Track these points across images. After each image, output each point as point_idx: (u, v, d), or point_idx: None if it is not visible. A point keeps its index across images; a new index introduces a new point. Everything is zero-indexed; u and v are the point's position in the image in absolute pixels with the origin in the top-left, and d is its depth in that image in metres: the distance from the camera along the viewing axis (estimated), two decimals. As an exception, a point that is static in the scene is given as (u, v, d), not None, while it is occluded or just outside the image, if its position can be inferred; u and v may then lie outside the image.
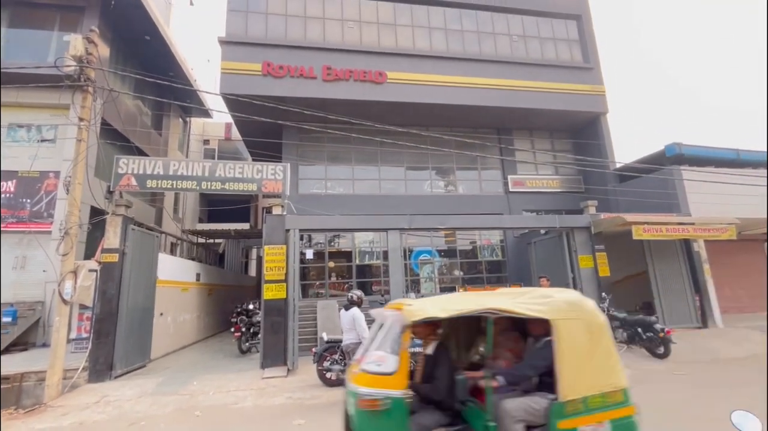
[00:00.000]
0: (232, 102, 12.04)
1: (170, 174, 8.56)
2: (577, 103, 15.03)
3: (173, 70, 15.48)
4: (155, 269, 9.14)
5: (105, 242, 7.91)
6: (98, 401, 6.34)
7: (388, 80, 13.61)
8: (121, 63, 13.81)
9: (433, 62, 14.21)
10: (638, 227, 9.60)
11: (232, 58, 12.89)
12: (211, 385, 6.97)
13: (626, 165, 13.40)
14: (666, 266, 10.76)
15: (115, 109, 10.71)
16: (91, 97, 7.63)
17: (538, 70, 15.00)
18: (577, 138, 16.39)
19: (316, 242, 14.06)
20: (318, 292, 13.52)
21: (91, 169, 10.31)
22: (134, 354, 8.20)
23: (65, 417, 5.76)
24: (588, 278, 10.26)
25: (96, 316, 7.60)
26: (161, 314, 9.59)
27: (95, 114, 7.97)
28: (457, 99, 13.99)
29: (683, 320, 10.38)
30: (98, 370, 7.33)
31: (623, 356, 8.07)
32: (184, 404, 6.10)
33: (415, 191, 15.15)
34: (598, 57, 15.88)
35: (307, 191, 14.26)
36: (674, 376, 6.82)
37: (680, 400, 5.52)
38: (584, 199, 12.17)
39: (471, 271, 14.89)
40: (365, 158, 15.08)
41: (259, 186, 8.98)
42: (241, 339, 9.52)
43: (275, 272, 8.40)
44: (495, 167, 16.07)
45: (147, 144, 15.17)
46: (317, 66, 13.22)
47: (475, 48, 15.03)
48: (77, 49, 7.30)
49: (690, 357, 8.11)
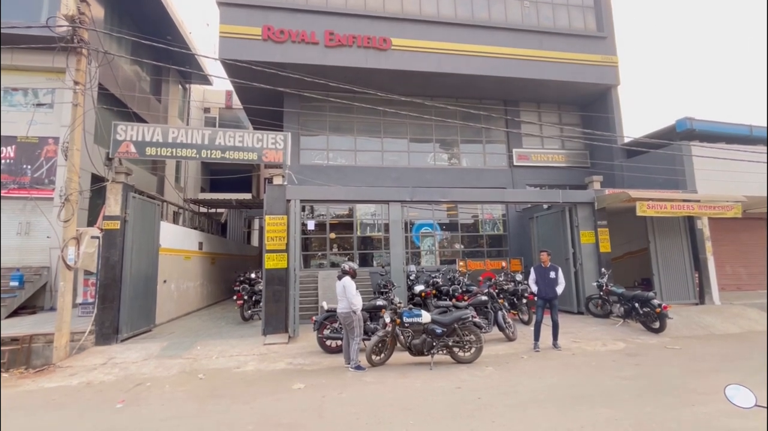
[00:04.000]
0: (232, 68, 11.69)
1: (169, 142, 8.44)
2: (588, 75, 14.52)
3: (171, 34, 14.98)
4: (157, 237, 9.19)
5: (106, 210, 7.91)
6: (105, 362, 6.54)
7: (393, 47, 13.13)
8: (116, 25, 13.35)
9: (439, 29, 13.64)
10: (642, 203, 9.49)
11: (231, 21, 12.40)
12: (214, 350, 7.16)
13: (635, 140, 13.09)
14: (668, 243, 10.73)
15: (111, 73, 10.42)
16: (86, 59, 7.40)
17: (549, 38, 14.40)
18: (586, 111, 15.96)
19: (318, 213, 14.06)
20: (320, 263, 13.66)
21: (89, 135, 10.17)
22: (139, 318, 8.39)
23: (73, 377, 5.96)
24: (588, 254, 10.27)
25: (100, 282, 7.72)
26: (165, 282, 9.74)
27: (91, 78, 7.77)
28: (463, 68, 13.52)
29: (681, 296, 10.47)
30: (104, 333, 7.53)
31: (618, 330, 8.25)
32: (188, 367, 6.28)
33: (418, 163, 14.96)
34: (613, 25, 15.19)
35: (308, 162, 14.11)
36: (667, 350, 6.94)
37: (672, 373, 5.63)
38: (590, 174, 12.00)
39: (472, 245, 14.94)
40: (368, 128, 14.80)
41: (259, 155, 8.87)
42: (243, 306, 9.70)
43: (276, 242, 8.43)
44: (500, 141, 15.77)
45: (146, 111, 14.92)
46: (319, 31, 12.73)
47: (484, 14, 14.38)
48: (69, 8, 7.02)
49: (685, 332, 8.23)
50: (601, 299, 9.52)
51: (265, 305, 8.26)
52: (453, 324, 6.11)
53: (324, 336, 6.95)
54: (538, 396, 4.70)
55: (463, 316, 6.20)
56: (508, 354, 6.78)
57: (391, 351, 6.28)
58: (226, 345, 7.46)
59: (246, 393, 5.08)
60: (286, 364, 6.39)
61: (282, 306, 8.22)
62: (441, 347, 6.08)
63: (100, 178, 9.27)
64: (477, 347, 6.19)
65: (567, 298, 9.84)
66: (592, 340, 7.56)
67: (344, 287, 6.14)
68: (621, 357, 6.49)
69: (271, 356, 6.82)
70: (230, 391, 5.19)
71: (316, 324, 7.01)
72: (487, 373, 5.69)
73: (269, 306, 8.23)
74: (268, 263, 8.34)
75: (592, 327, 8.58)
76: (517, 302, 9.11)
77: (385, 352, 6.24)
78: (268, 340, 7.65)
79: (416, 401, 4.65)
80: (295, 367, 6.24)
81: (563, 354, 6.76)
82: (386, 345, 6.23)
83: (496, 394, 4.79)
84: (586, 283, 10.05)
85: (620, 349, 7.02)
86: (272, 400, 4.82)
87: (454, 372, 5.75)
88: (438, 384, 5.26)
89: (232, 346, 7.41)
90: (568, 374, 5.66)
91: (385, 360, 6.22)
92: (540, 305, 7.21)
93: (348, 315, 6.12)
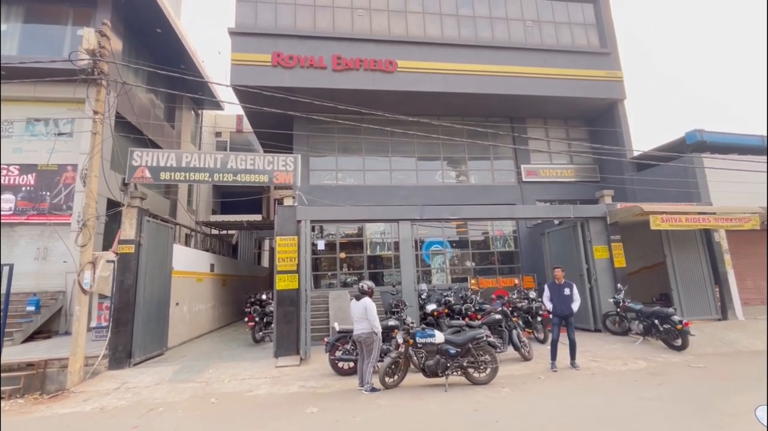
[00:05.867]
0: (243, 93, 12.06)
1: (183, 166, 8.66)
2: (594, 90, 14.61)
3: (184, 63, 15.57)
4: (170, 260, 9.31)
5: (121, 234, 8.07)
6: (118, 387, 6.54)
7: (399, 69, 13.43)
8: (133, 56, 13.93)
9: (444, 50, 13.95)
10: (656, 216, 9.34)
11: (242, 49, 12.87)
12: (226, 373, 7.11)
13: (644, 153, 13.01)
14: (685, 256, 10.48)
15: (128, 102, 10.84)
16: (105, 90, 7.72)
17: (553, 55, 14.60)
18: (593, 126, 15.97)
19: (328, 233, 14.12)
20: (330, 282, 13.62)
21: (106, 162, 10.48)
22: (152, 342, 8.41)
23: (87, 402, 5.95)
24: (603, 269, 10.08)
25: (114, 305, 7.80)
26: (177, 304, 9.80)
27: (109, 107, 8.09)
28: (469, 87, 13.73)
29: (702, 311, 10.14)
30: (118, 358, 7.55)
31: (638, 348, 7.99)
32: (200, 391, 6.24)
33: (427, 181, 15.03)
34: (616, 41, 15.35)
35: (318, 183, 14.28)
36: (691, 368, 6.68)
37: (698, 393, 5.40)
38: (600, 188, 11.90)
39: (483, 262, 14.78)
40: (376, 148, 14.99)
41: (270, 177, 9.02)
42: (254, 328, 9.66)
43: (287, 263, 8.46)
44: (508, 157, 15.80)
45: (160, 137, 15.37)
46: (327, 56, 13.11)
47: (487, 34, 14.69)
48: (90, 42, 7.37)
49: (708, 349, 7.93)
50: (619, 315, 9.27)
51: (277, 327, 8.22)
52: (467, 344, 5.99)
53: (336, 357, 6.86)
54: (558, 419, 4.54)
55: (477, 335, 6.08)
56: (525, 374, 6.60)
57: (404, 373, 6.16)
58: (238, 368, 7.41)
59: (259, 418, 5.01)
60: (298, 387, 6.30)
61: (293, 328, 8.18)
62: (455, 368, 5.94)
63: (116, 203, 9.49)
64: (492, 367, 6.05)
65: (583, 315, 9.61)
66: (612, 359, 7.33)
67: (365, 309, 5.98)
68: (643, 377, 6.26)
69: (284, 379, 6.74)
70: (243, 416, 5.12)
71: (328, 346, 6.92)
72: (503, 394, 5.54)
73: (281, 328, 8.19)
74: (280, 284, 8.35)
75: (611, 345, 8.34)
76: (532, 320, 8.92)
77: (398, 374, 6.12)
78: (280, 362, 7.58)
79: (432, 424, 4.53)
80: (308, 390, 6.15)
81: (582, 373, 6.55)
82: (399, 366, 6.12)
83: (514, 417, 4.65)
84: (602, 299, 9.82)
85: (642, 368, 6.78)
86: (285, 425, 4.74)
87: (470, 393, 5.61)
88: (454, 406, 5.12)
89: (244, 369, 7.36)
90: (589, 395, 5.48)
91: (399, 382, 6.10)
92: (555, 323, 7.04)
93: (369, 336, 5.97)
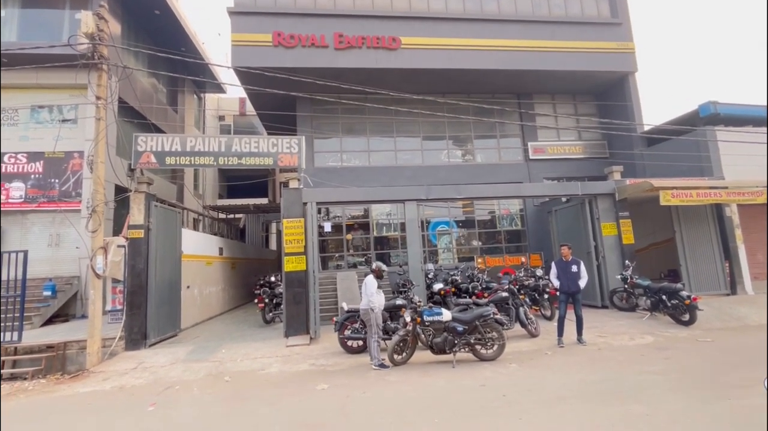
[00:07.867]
0: (245, 75, 11.88)
1: (188, 150, 8.64)
2: (604, 63, 14.17)
3: (185, 46, 15.34)
4: (180, 244, 9.43)
5: (130, 219, 8.16)
6: (135, 367, 6.75)
7: (402, 46, 13.10)
8: (132, 40, 13.74)
9: (449, 25, 13.54)
10: (666, 192, 9.20)
11: (242, 29, 12.62)
12: (238, 353, 7.29)
13: (655, 127, 12.70)
14: (695, 232, 10.36)
15: (130, 86, 10.74)
16: (106, 75, 7.65)
17: (562, 28, 14.12)
18: (603, 100, 15.57)
19: (334, 215, 14.15)
20: (338, 264, 13.75)
21: (112, 147, 10.50)
22: (165, 324, 8.62)
23: (107, 381, 6.17)
24: (611, 246, 10.02)
25: (127, 289, 7.97)
26: (188, 287, 9.98)
27: (111, 92, 8.02)
28: (474, 63, 13.39)
29: (711, 287, 10.09)
30: (133, 339, 7.77)
31: (645, 323, 8.02)
32: (214, 370, 6.42)
33: (432, 161, 14.88)
34: (628, 10, 14.77)
35: (323, 164, 14.22)
36: (698, 342, 6.70)
37: (704, 366, 5.43)
38: (609, 164, 11.69)
39: (490, 241, 14.77)
40: (380, 128, 14.82)
41: (275, 160, 8.98)
42: (264, 309, 9.84)
43: (294, 245, 8.53)
44: (514, 134, 15.54)
45: (164, 121, 15.31)
46: (328, 34, 12.82)
47: (493, 7, 14.21)
48: (89, 26, 7.25)
49: (717, 323, 7.94)
50: (626, 292, 9.27)
51: (286, 308, 8.36)
52: (474, 322, 6.05)
53: (345, 336, 6.99)
54: (565, 393, 4.61)
55: (484, 313, 6.14)
56: (532, 350, 6.68)
57: (412, 350, 6.27)
58: (250, 348, 7.59)
59: (271, 395, 5.16)
60: (309, 365, 6.45)
61: (302, 308, 8.31)
62: (463, 345, 6.03)
63: (123, 188, 9.57)
64: (499, 344, 6.12)
65: (590, 292, 9.62)
66: (619, 334, 7.38)
67: (365, 284, 6.33)
68: (650, 351, 6.31)
69: (294, 357, 6.90)
70: (256, 393, 5.28)
71: (337, 325, 7.06)
72: (510, 370, 5.62)
73: (290, 308, 8.33)
74: (288, 266, 8.44)
75: (618, 321, 8.37)
76: (539, 297, 8.96)
77: (406, 351, 6.23)
78: (291, 342, 7.74)
79: (441, 399, 4.63)
80: (318, 368, 6.30)
81: (588, 349, 6.61)
82: (407, 344, 6.23)
83: (521, 391, 4.73)
84: (609, 276, 9.81)
85: (649, 343, 6.82)
86: (297, 401, 4.87)
87: (477, 369, 5.70)
88: (461, 382, 5.22)
89: (256, 349, 7.53)
90: (595, 369, 5.54)
91: (407, 359, 6.22)
92: (562, 300, 7.07)
93: (366, 312, 6.26)
